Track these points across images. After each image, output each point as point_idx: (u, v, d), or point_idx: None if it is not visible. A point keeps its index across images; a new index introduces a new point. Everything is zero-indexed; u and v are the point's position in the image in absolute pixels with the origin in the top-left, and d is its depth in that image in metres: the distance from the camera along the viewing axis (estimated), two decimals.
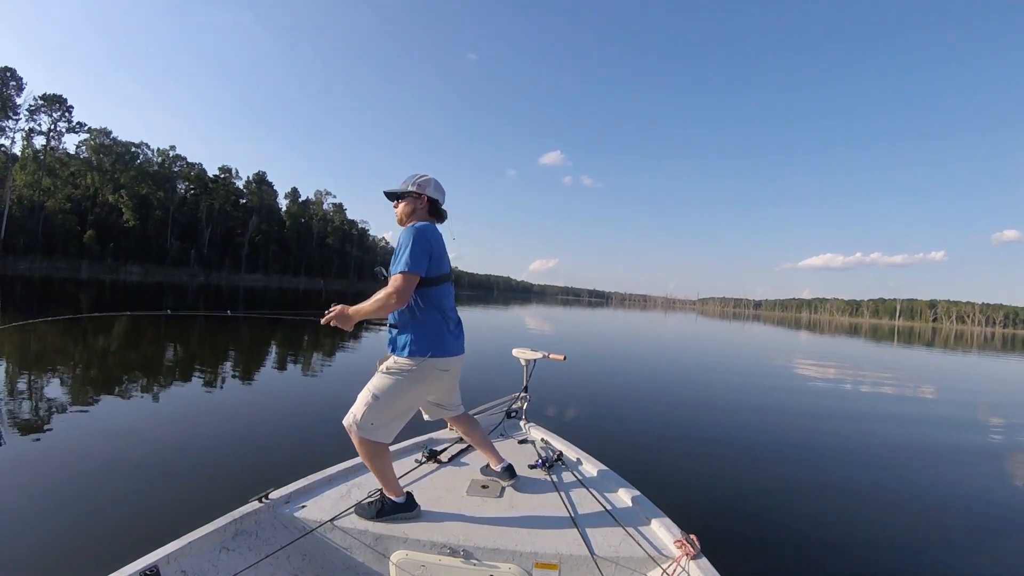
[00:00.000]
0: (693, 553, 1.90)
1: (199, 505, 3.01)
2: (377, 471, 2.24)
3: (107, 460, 4.11)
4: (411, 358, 2.24)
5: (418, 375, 2.25)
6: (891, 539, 3.45)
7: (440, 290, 2.32)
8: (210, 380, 7.50)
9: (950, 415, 8.78)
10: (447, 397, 2.55)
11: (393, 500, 2.21)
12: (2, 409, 5.29)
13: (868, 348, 28.18)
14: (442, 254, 2.33)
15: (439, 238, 2.36)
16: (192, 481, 3.77)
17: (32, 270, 47.76)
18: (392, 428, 2.27)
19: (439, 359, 2.28)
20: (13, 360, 7.95)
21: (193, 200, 78.78)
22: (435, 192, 2.47)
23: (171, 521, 2.59)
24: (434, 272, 2.26)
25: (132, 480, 3.75)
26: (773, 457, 5.24)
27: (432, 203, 2.47)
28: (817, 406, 8.56)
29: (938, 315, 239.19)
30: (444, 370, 2.32)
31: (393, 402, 2.24)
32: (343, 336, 12.57)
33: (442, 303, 2.33)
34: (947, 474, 5.21)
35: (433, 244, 2.27)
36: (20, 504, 3.30)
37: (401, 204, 2.46)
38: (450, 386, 2.51)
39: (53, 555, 2.71)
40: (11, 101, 56.74)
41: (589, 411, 6.71)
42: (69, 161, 64.34)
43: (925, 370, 17.78)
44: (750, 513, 3.72)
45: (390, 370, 2.25)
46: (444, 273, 2.33)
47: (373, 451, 2.22)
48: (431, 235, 2.29)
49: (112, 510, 3.25)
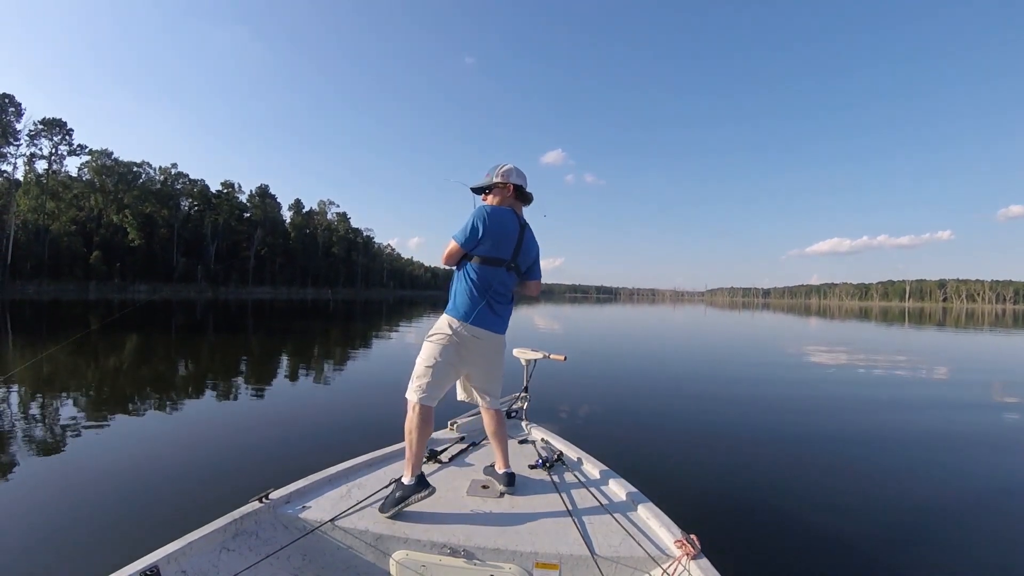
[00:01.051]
0: (693, 553, 1.89)
1: (199, 505, 3.06)
2: (408, 442, 2.34)
3: (107, 460, 4.19)
4: (451, 315, 2.43)
5: (455, 336, 2.40)
6: (900, 536, 3.37)
7: (490, 270, 2.45)
8: (212, 383, 7.56)
9: (965, 397, 8.46)
10: (485, 379, 2.63)
11: (404, 483, 2.26)
12: (10, 417, 5.47)
13: (879, 331, 27.56)
14: (499, 238, 2.44)
15: (501, 221, 2.46)
16: (192, 481, 3.80)
17: (40, 293, 47.81)
18: (432, 389, 2.39)
19: (472, 326, 2.41)
20: (28, 377, 8.00)
21: (197, 216, 79.45)
22: (518, 179, 2.59)
23: (171, 521, 2.64)
24: (484, 251, 2.43)
25: (132, 480, 3.79)
26: (776, 455, 5.11)
27: (517, 189, 2.60)
28: (824, 398, 8.30)
29: (948, 295, 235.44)
30: (477, 338, 2.44)
31: (432, 362, 2.39)
32: (346, 341, 13.19)
33: (491, 282, 2.45)
34: (963, 463, 4.96)
35: (490, 225, 2.41)
36: (20, 504, 3.33)
37: (490, 196, 2.61)
38: (487, 365, 2.59)
39: (53, 555, 2.71)
40: (11, 127, 57.28)
41: (589, 411, 6.68)
42: (72, 184, 64.93)
43: (938, 351, 17.34)
44: (751, 513, 3.68)
45: (433, 334, 2.45)
46: (496, 257, 2.45)
47: (416, 420, 2.35)
48: (492, 216, 2.43)
49: (112, 510, 3.27)
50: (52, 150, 62.44)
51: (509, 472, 2.61)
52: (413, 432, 2.34)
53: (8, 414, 5.63)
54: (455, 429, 3.41)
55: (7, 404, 6.07)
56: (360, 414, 6.33)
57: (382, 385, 7.87)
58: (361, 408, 6.67)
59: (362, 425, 5.72)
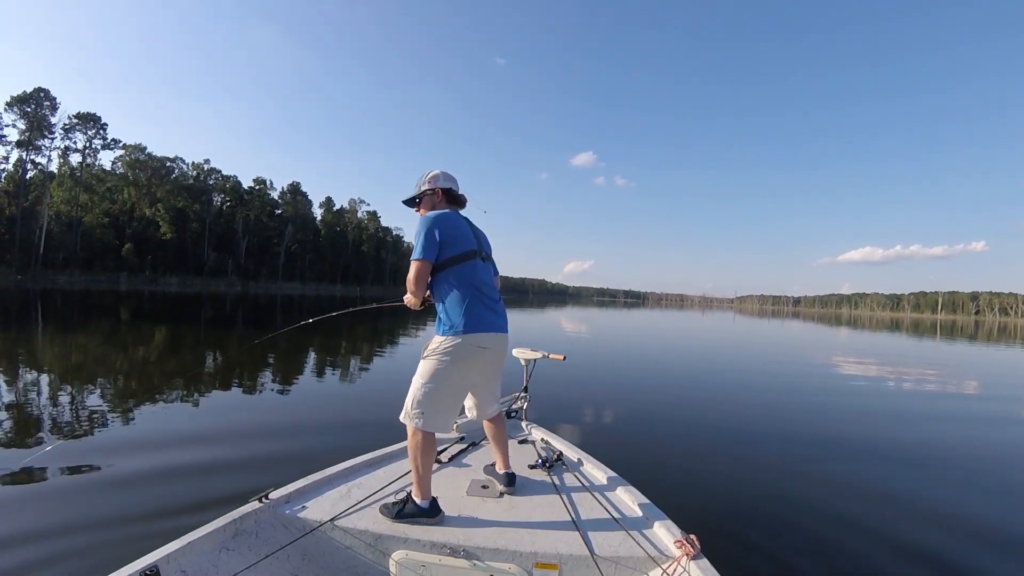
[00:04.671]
0: (693, 553, 1.88)
1: (199, 505, 3.01)
2: (415, 467, 2.22)
3: (107, 460, 3.97)
4: (447, 335, 2.24)
5: (456, 353, 2.23)
6: (900, 539, 3.25)
7: (466, 267, 2.31)
8: (214, 382, 7.45)
9: (980, 411, 8.26)
10: (488, 386, 2.51)
11: (417, 503, 2.17)
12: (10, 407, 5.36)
13: (902, 342, 26.71)
14: (456, 235, 2.32)
15: (450, 220, 2.35)
16: (192, 481, 3.58)
17: (72, 283, 48.03)
18: (439, 417, 2.24)
19: (476, 335, 2.26)
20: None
21: (229, 212, 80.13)
22: (445, 182, 2.51)
23: (170, 521, 2.69)
24: (449, 253, 2.28)
25: (132, 480, 3.58)
26: (777, 456, 5.06)
27: (447, 192, 2.51)
28: (831, 405, 8.17)
29: (980, 308, 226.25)
30: (482, 347, 2.29)
31: (436, 386, 2.23)
32: (344, 341, 13.44)
33: (472, 279, 2.31)
34: (968, 474, 4.83)
35: (441, 227, 2.28)
36: (20, 504, 3.19)
37: (421, 206, 2.52)
38: (491, 373, 2.48)
39: (53, 555, 2.57)
40: (46, 120, 58.03)
41: (589, 411, 6.59)
42: (105, 177, 65.84)
43: (956, 364, 16.24)
44: (751, 513, 3.55)
45: (430, 353, 2.26)
46: (464, 251, 2.32)
47: (419, 444, 2.20)
48: (439, 220, 2.30)
49: (111, 510, 3.10)
50: (86, 144, 63.46)
51: (510, 472, 2.55)
52: (418, 458, 2.21)
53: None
54: (455, 429, 3.32)
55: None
56: (360, 414, 6.14)
57: (386, 385, 7.81)
58: (361, 408, 6.47)
59: (362, 425, 5.56)
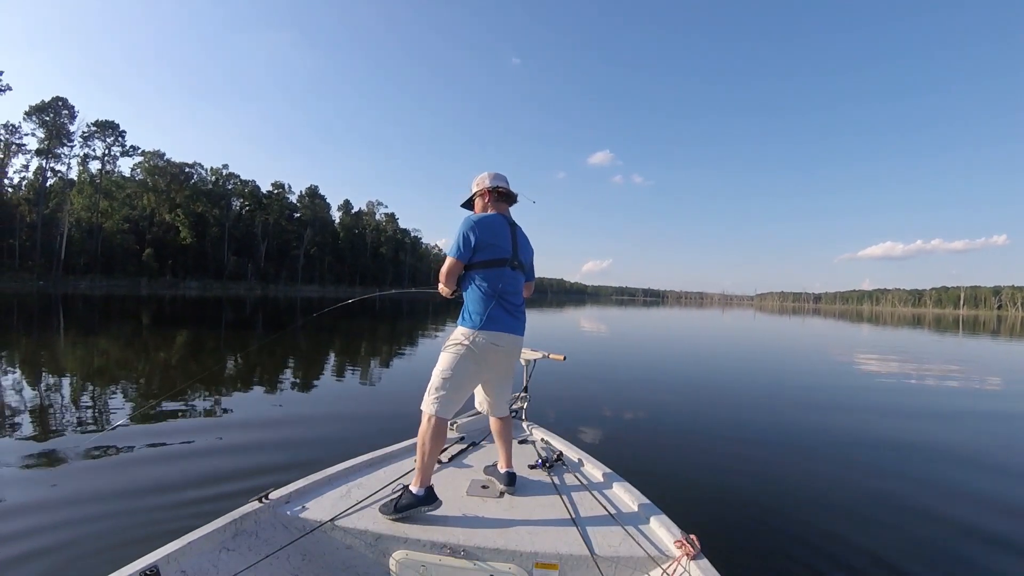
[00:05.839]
0: (693, 553, 1.87)
1: (199, 505, 3.04)
2: (421, 452, 2.26)
3: (108, 460, 4.02)
4: (465, 327, 2.36)
5: (472, 346, 2.33)
6: (900, 539, 3.22)
7: (493, 272, 2.38)
8: (215, 382, 7.37)
9: (992, 408, 8.09)
10: (500, 385, 2.59)
11: (413, 492, 2.18)
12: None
13: (921, 338, 26.34)
14: (492, 241, 2.38)
15: (489, 226, 2.41)
16: (192, 481, 3.60)
17: (92, 288, 47.70)
18: (449, 402, 2.31)
19: (491, 332, 2.34)
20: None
21: (248, 216, 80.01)
22: (494, 181, 2.58)
23: (170, 521, 2.74)
24: (481, 257, 2.37)
25: (132, 480, 3.61)
26: (777, 456, 4.97)
27: (495, 191, 2.56)
28: (835, 403, 8.02)
29: (1003, 302, 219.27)
30: (496, 344, 2.37)
31: (451, 374, 2.31)
32: (348, 342, 13.43)
33: (498, 286, 2.38)
34: (975, 473, 4.66)
35: (478, 231, 2.35)
36: (19, 503, 3.20)
37: (474, 208, 2.64)
38: (504, 372, 2.56)
39: (52, 555, 2.59)
40: (65, 129, 58.17)
41: (590, 411, 6.53)
42: (125, 183, 66.01)
43: (969, 360, 15.84)
44: (751, 513, 3.56)
45: (450, 344, 2.38)
46: (496, 258, 2.39)
47: (431, 431, 2.26)
48: (478, 224, 2.37)
49: (111, 509, 3.12)
50: (105, 151, 63.73)
51: (511, 472, 2.56)
52: (427, 444, 2.26)
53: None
54: (455, 429, 3.34)
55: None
56: (361, 413, 6.12)
57: (392, 384, 7.90)
58: (363, 407, 6.45)
59: (362, 425, 5.53)
